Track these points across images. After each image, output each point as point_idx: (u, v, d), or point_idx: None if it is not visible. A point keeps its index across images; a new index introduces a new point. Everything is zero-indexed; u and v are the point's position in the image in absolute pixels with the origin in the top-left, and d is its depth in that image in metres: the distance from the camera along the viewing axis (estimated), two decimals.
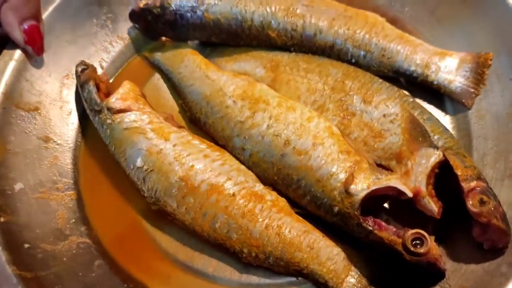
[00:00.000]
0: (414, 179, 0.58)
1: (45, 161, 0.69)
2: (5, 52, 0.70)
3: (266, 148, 0.64)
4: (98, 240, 0.66)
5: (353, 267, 0.57)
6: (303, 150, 0.61)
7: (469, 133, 0.67)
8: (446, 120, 0.70)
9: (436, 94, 0.70)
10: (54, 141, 0.72)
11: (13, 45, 0.70)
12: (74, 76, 0.75)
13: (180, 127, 0.70)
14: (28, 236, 0.61)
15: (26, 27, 0.61)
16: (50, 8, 0.74)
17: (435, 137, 0.62)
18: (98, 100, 0.69)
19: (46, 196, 0.66)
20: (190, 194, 0.62)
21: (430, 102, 0.72)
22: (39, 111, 0.71)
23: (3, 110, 0.67)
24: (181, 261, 0.64)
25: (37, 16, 0.62)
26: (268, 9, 0.73)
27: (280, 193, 0.64)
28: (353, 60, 0.72)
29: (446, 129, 0.64)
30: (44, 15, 0.73)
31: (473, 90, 0.67)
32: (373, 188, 0.56)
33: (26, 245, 0.60)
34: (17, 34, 0.61)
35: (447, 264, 0.56)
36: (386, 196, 0.60)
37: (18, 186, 0.64)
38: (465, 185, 0.55)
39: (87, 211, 0.68)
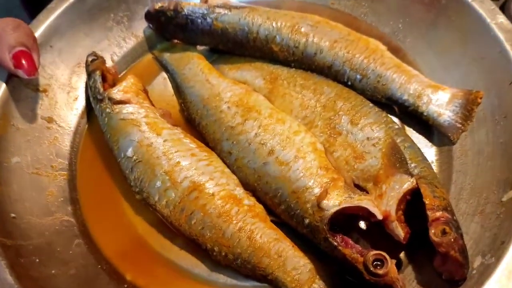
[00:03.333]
0: (385, 203, 0.59)
1: (45, 140, 0.73)
2: None
3: (251, 155, 0.66)
4: (82, 221, 0.69)
5: (317, 280, 0.58)
6: (285, 161, 0.63)
7: (450, 166, 0.68)
8: (431, 151, 0.71)
9: (426, 125, 0.72)
10: (57, 123, 0.75)
11: None
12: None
13: (175, 125, 0.72)
14: (16, 207, 0.64)
15: (13, 53, 0.66)
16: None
17: (412, 165, 0.63)
18: (101, 90, 0.73)
19: (40, 173, 0.70)
20: (172, 188, 0.64)
21: (418, 132, 0.73)
22: (46, 93, 0.75)
23: (12, 88, 0.70)
24: (154, 249, 0.66)
25: (25, 44, 0.66)
26: (274, 24, 0.77)
27: (259, 200, 0.66)
28: (349, 83, 0.74)
29: (425, 159, 0.65)
30: (64, 6, 0.78)
31: (460, 126, 0.68)
32: (344, 205, 0.58)
33: (12, 215, 0.63)
34: (6, 61, 0.66)
35: None
36: (359, 216, 0.61)
37: (15, 159, 0.68)
38: (430, 214, 0.56)
39: (78, 193, 0.71)
